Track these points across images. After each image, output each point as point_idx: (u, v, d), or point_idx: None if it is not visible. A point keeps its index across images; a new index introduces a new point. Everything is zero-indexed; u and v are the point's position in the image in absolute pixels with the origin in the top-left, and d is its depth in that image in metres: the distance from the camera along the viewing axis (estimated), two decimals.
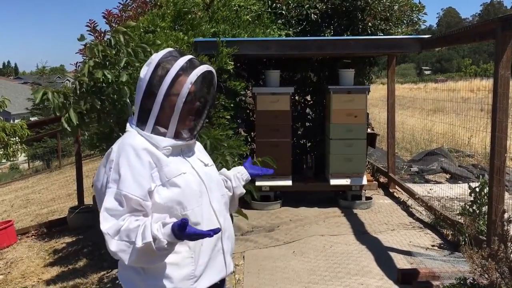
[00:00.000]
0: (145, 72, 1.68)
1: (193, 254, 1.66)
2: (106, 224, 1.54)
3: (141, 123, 1.68)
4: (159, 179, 1.63)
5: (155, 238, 1.48)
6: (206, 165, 1.82)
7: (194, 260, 1.66)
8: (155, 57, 1.69)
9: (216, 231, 1.52)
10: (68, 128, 2.90)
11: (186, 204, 1.65)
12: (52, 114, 3.04)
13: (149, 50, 3.12)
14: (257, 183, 5.69)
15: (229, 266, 1.82)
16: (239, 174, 2.03)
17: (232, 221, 1.96)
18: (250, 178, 2.06)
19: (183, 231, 1.47)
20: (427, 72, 62.59)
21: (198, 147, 1.90)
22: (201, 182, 1.73)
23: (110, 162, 1.62)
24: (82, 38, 3.10)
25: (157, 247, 1.48)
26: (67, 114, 2.96)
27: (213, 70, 1.74)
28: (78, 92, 3.04)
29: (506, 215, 3.54)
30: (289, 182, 5.96)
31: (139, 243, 1.48)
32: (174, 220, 1.53)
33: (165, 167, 1.63)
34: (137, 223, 1.52)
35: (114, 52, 3.05)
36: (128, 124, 1.73)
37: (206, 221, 1.70)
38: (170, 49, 1.76)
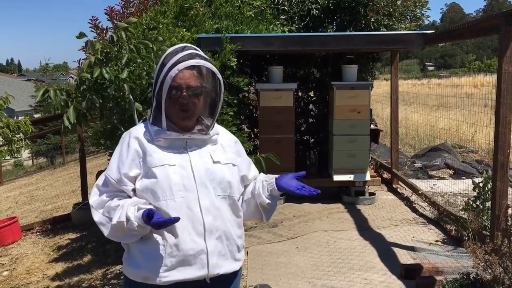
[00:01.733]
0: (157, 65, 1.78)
1: (165, 244, 1.69)
2: (93, 197, 1.75)
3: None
4: (142, 168, 1.72)
5: (128, 219, 1.64)
6: (215, 162, 1.78)
7: (165, 251, 1.68)
8: (165, 52, 1.78)
9: (173, 219, 1.59)
10: (69, 126, 2.91)
11: (160, 195, 1.69)
12: (52, 112, 3.03)
13: (151, 46, 3.11)
14: None
15: (214, 267, 1.73)
16: (265, 182, 1.88)
17: None
18: (277, 189, 1.84)
19: (149, 219, 1.60)
20: (430, 68, 62.22)
21: (225, 143, 1.86)
22: (191, 177, 1.72)
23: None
24: (81, 35, 3.04)
25: (128, 227, 1.65)
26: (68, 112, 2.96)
27: (207, 65, 1.72)
28: (80, 89, 3.04)
29: (509, 210, 3.55)
30: None
31: (114, 221, 1.67)
32: (149, 206, 1.66)
33: (148, 156, 1.72)
34: (118, 203, 1.70)
35: (116, 48, 3.04)
36: None
37: (185, 216, 1.68)
38: (181, 44, 1.80)
